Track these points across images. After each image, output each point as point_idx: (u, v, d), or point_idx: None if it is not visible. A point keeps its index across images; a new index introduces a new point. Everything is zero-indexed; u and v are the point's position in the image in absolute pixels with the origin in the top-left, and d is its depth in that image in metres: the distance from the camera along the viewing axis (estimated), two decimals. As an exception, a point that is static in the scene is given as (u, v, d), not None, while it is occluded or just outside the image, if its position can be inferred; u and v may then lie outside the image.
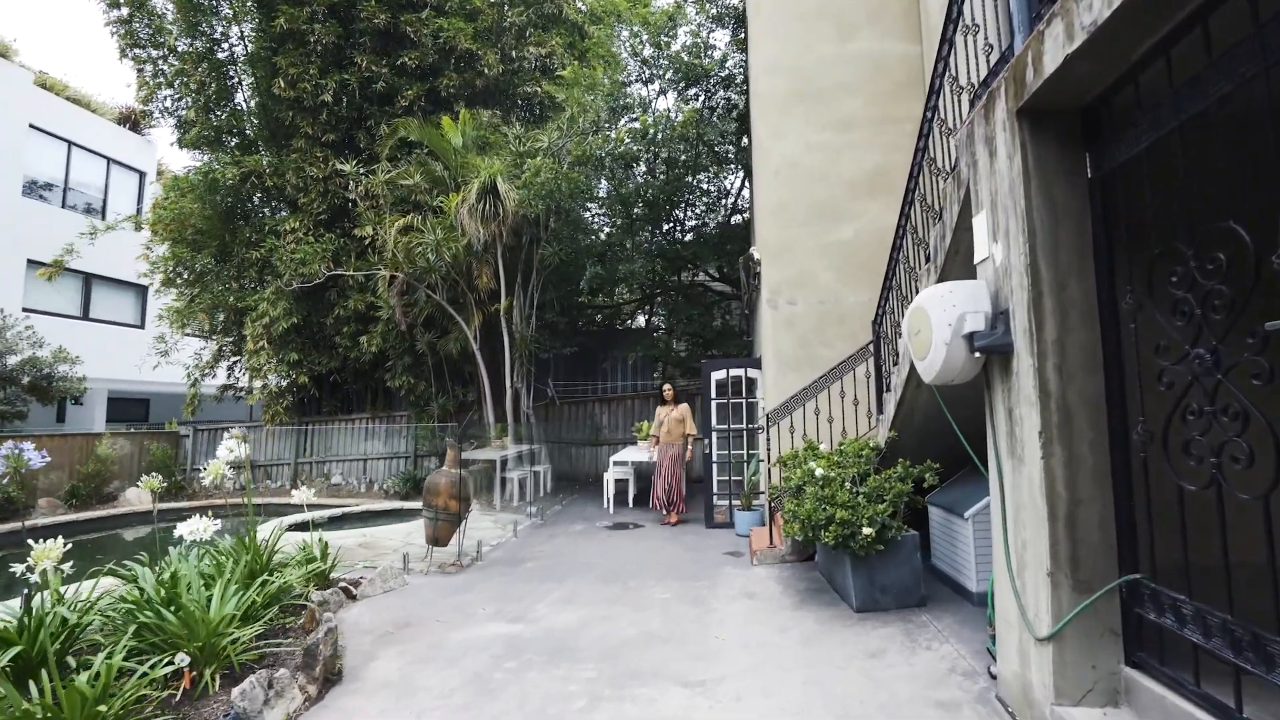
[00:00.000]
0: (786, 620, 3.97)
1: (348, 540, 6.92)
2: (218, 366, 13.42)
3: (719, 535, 6.90)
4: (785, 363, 6.60)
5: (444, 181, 10.34)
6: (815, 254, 6.71)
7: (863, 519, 3.78)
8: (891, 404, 4.48)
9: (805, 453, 4.88)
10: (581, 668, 3.34)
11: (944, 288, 2.78)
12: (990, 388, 2.81)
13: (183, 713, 2.74)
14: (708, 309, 11.85)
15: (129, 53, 12.34)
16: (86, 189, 17.25)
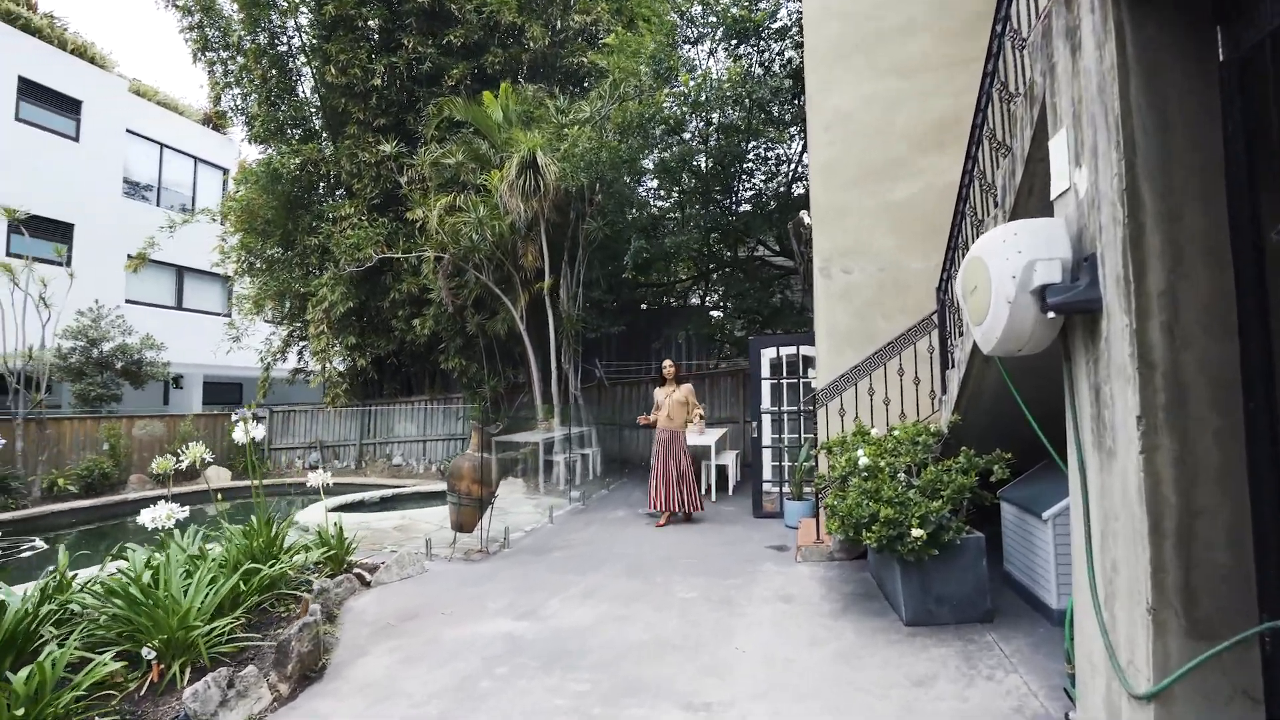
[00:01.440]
0: (822, 631, 3.45)
1: (385, 522, 6.90)
2: (288, 351, 13.99)
3: (765, 526, 6.37)
4: (840, 338, 5.93)
5: (488, 159, 10.15)
6: (872, 217, 5.96)
7: (913, 518, 3.19)
8: (955, 382, 3.81)
9: (854, 438, 4.28)
10: (577, 677, 2.97)
11: (1006, 230, 2.15)
12: (1070, 358, 2.17)
13: (143, 709, 2.59)
14: (764, 284, 11.14)
15: (201, 56, 12.86)
16: (177, 187, 18.39)
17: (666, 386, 6.70)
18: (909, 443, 3.83)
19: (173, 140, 18.06)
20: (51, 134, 14.87)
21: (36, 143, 14.44)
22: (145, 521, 2.81)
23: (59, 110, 15.13)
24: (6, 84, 14.03)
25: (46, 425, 9.88)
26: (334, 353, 13.00)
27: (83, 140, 15.53)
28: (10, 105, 14.09)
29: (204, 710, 2.49)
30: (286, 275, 12.77)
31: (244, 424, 4.30)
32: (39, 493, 9.35)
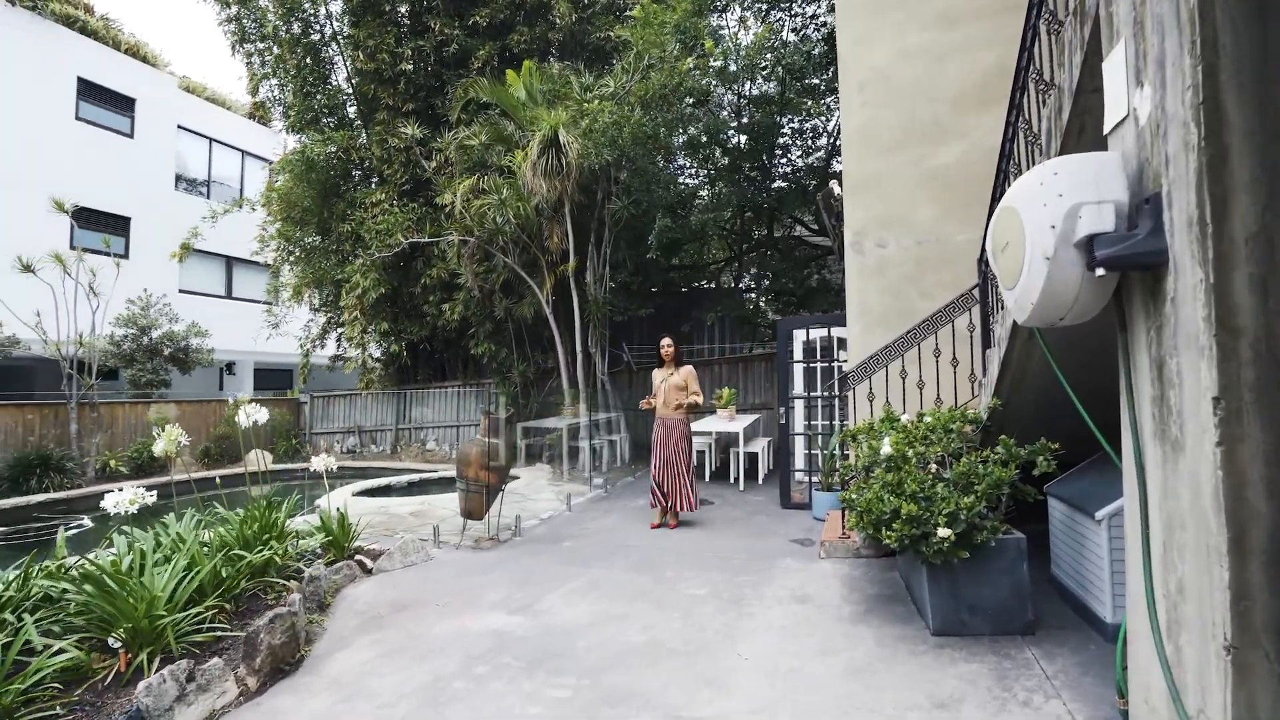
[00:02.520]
0: (837, 637, 3.10)
1: (404, 508, 6.85)
2: (326, 337, 14.26)
3: (792, 518, 6.00)
4: (873, 318, 5.49)
5: (513, 140, 9.96)
6: (911, 185, 5.46)
7: (939, 515, 2.80)
8: (995, 362, 3.37)
9: (882, 425, 3.88)
10: (559, 682, 2.73)
11: (1044, 170, 1.76)
12: (1125, 327, 1.77)
13: (104, 700, 2.48)
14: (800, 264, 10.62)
15: (239, 48, 13.07)
16: (226, 180, 18.96)
17: (664, 369, 5.87)
18: (941, 430, 3.41)
19: (221, 134, 18.61)
20: (109, 131, 15.48)
21: (95, 141, 15.07)
22: (108, 506, 2.71)
23: (115, 109, 15.73)
24: (67, 85, 14.65)
25: (99, 409, 10.30)
26: (368, 339, 13.17)
27: (137, 137, 16.13)
28: (71, 105, 14.72)
29: (157, 705, 2.36)
30: (322, 262, 12.96)
31: (243, 408, 4.22)
32: (93, 473, 9.77)
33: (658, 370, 5.91)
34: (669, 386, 5.69)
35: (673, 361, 5.83)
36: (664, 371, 5.84)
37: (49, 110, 14.10)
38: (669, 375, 5.76)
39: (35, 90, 13.85)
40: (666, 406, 5.71)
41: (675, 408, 5.69)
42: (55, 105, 14.30)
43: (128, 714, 2.30)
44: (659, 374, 5.85)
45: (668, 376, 5.76)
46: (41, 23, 14.29)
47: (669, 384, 5.70)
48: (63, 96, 14.53)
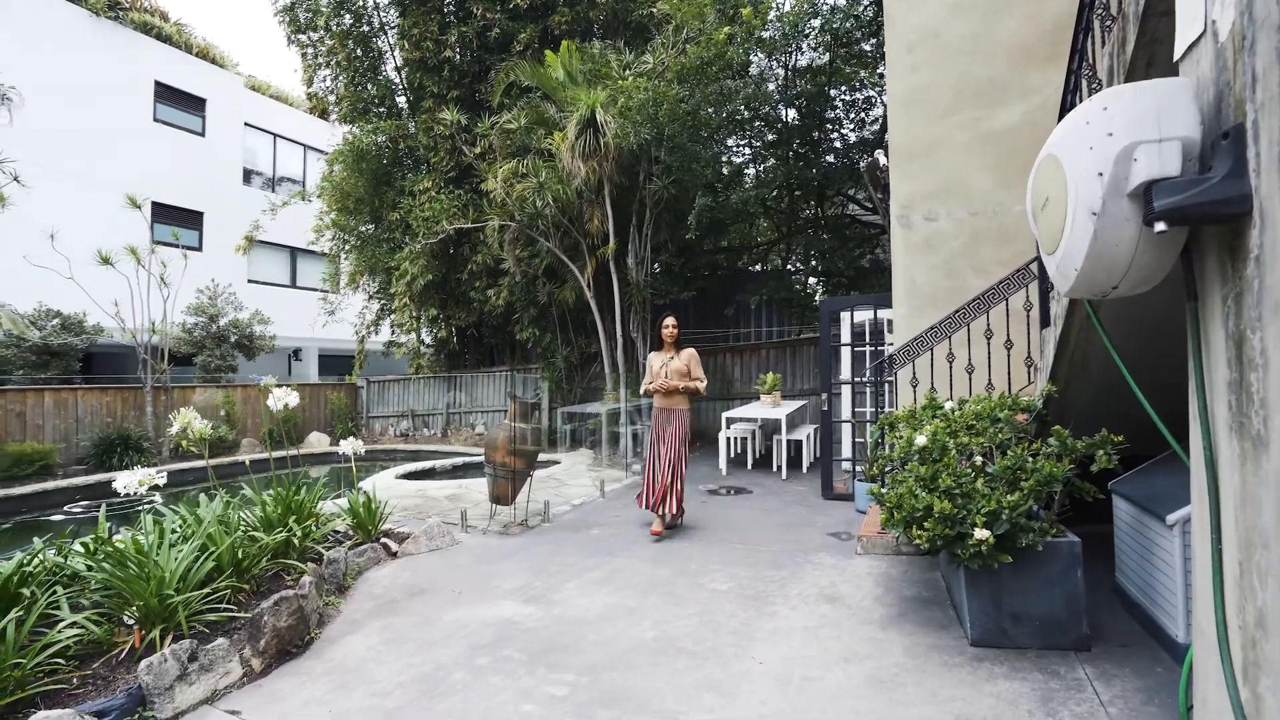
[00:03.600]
0: (864, 643, 2.85)
1: (441, 491, 6.92)
2: (380, 324, 14.68)
3: (833, 510, 5.70)
4: (921, 298, 5.09)
5: (553, 122, 9.85)
6: (965, 151, 5.01)
7: (976, 514, 2.49)
8: (1051, 343, 3.00)
9: (923, 412, 3.55)
10: (558, 679, 2.61)
11: (1091, 106, 1.45)
12: (1196, 295, 1.45)
13: (117, 675, 2.53)
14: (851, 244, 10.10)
15: (294, 39, 13.47)
16: (290, 174, 19.77)
17: (664, 351, 5.19)
18: (988, 419, 3.07)
19: (284, 130, 19.38)
20: (182, 131, 16.36)
21: (171, 140, 15.97)
22: (119, 486, 2.77)
23: (187, 109, 16.61)
24: (145, 89, 15.55)
25: (172, 392, 10.96)
26: (417, 324, 13.46)
27: (208, 135, 17.00)
28: (149, 108, 15.62)
29: (157, 684, 2.38)
30: (374, 250, 13.31)
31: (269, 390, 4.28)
32: (167, 453, 10.41)
33: (656, 354, 5.25)
34: (671, 372, 5.05)
35: (674, 344, 5.18)
36: (664, 355, 5.18)
37: (130, 113, 15.02)
38: (669, 359, 5.11)
39: (118, 95, 14.76)
40: (666, 395, 5.07)
41: (678, 395, 5.05)
42: (135, 108, 15.21)
43: (128, 691, 2.32)
44: (657, 358, 5.19)
45: (668, 361, 5.10)
46: (123, 32, 15.18)
47: (671, 369, 5.05)
48: (141, 100, 15.43)
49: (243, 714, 2.40)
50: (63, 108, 13.43)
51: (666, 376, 5.02)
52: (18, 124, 9.51)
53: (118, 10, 15.13)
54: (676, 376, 4.99)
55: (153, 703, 2.36)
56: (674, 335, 5.19)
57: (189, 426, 3.17)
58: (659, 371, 5.09)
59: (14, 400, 9.31)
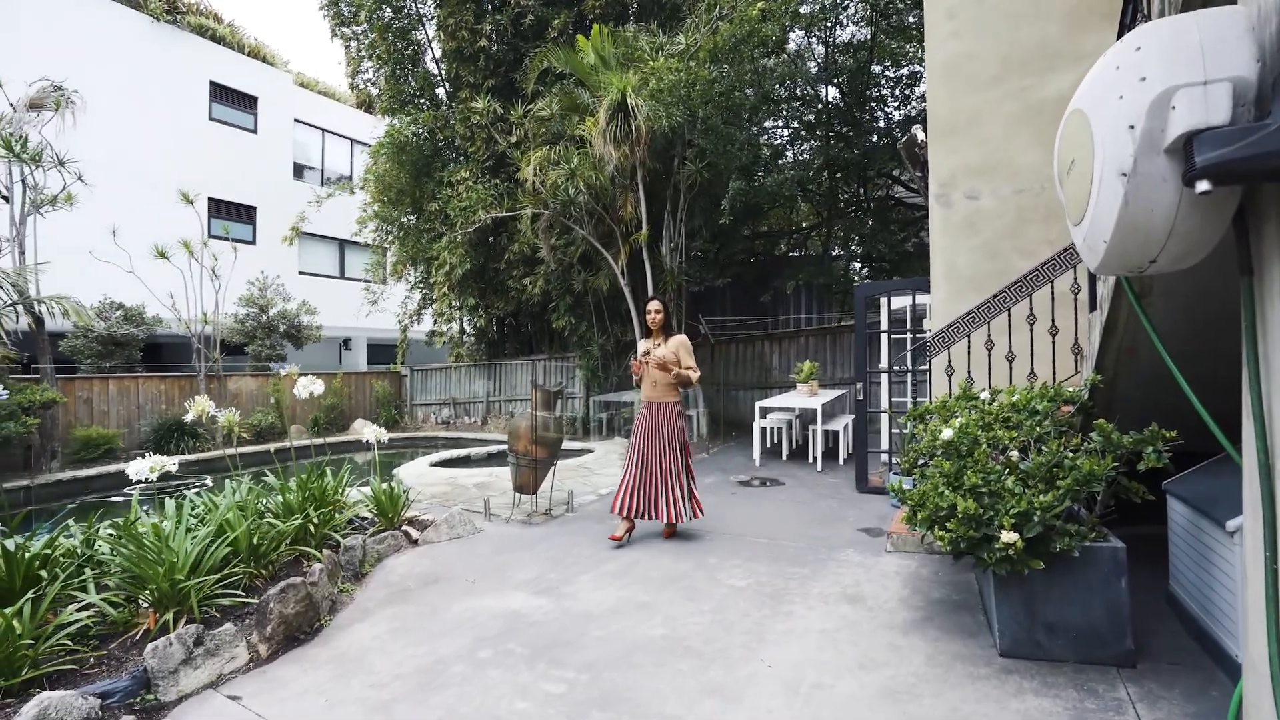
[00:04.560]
0: (883, 649, 2.68)
1: (471, 479, 6.98)
2: (423, 313, 14.98)
3: (867, 504, 5.46)
4: (962, 281, 4.78)
5: (586, 108, 9.74)
6: (1011, 124, 4.65)
7: (1004, 515, 2.28)
8: (1096, 328, 2.72)
9: (956, 403, 3.32)
10: (557, 675, 2.54)
11: (1122, 48, 1.24)
12: (1254, 268, 1.23)
13: (130, 656, 2.59)
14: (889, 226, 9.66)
15: (337, 32, 13.75)
16: (337, 167, 20.33)
17: (651, 338, 4.62)
18: (1025, 410, 2.82)
19: (332, 125, 19.92)
20: (235, 129, 17.00)
21: (225, 138, 16.62)
22: (131, 473, 2.84)
23: (240, 107, 17.23)
24: (201, 90, 16.21)
25: (225, 380, 11.45)
26: (457, 313, 13.65)
27: (260, 132, 17.61)
28: (204, 108, 16.29)
29: (161, 667, 2.42)
30: (415, 241, 13.54)
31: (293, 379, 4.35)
32: (220, 439, 10.89)
33: (642, 341, 4.71)
34: (657, 360, 4.46)
35: (661, 330, 4.58)
36: (650, 342, 4.60)
37: (187, 113, 15.69)
38: (655, 347, 4.53)
39: (176, 96, 15.43)
40: (653, 386, 4.48)
41: (668, 388, 4.45)
42: (192, 108, 15.88)
43: (132, 674, 2.37)
44: (645, 344, 4.65)
45: (654, 348, 4.53)
46: (180, 35, 15.83)
47: (656, 358, 4.46)
48: (198, 100, 16.09)
49: (243, 699, 2.42)
50: (124, 109, 14.11)
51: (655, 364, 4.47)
52: (81, 126, 10.00)
53: (175, 14, 15.78)
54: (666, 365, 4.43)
55: (157, 685, 2.40)
56: (659, 321, 4.57)
57: (203, 413, 3.23)
58: (645, 358, 4.56)
59: (82, 387, 9.90)
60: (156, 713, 2.33)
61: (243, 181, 16.76)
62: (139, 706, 2.33)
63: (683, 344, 4.47)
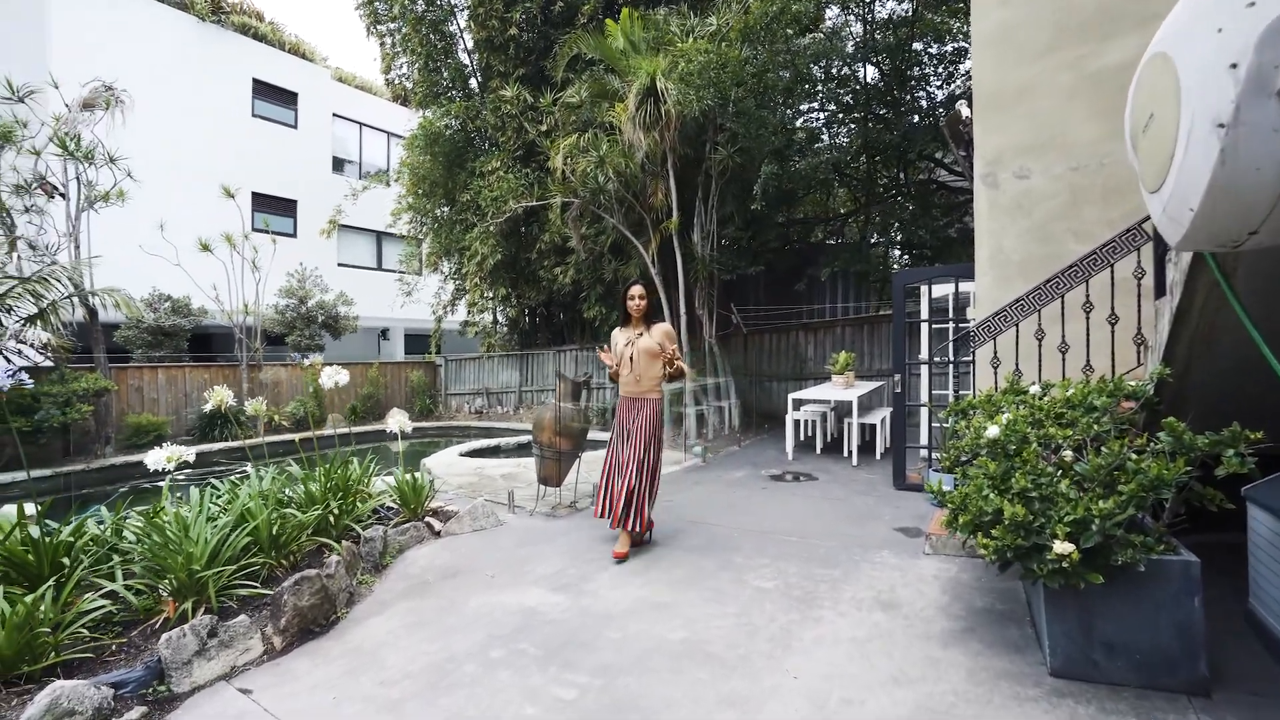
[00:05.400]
0: (919, 663, 2.49)
1: (499, 470, 6.96)
2: (457, 304, 15.10)
3: (904, 501, 5.21)
4: (1009, 267, 4.48)
5: (616, 94, 9.57)
6: (1066, 96, 4.31)
7: (1057, 523, 2.06)
8: (1165, 316, 2.45)
9: (1002, 397, 3.07)
10: (570, 679, 2.44)
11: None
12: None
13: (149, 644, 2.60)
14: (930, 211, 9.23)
15: (373, 30, 13.87)
16: (375, 161, 20.64)
17: (631, 327, 4.14)
18: (1081, 406, 2.57)
19: (369, 119, 20.22)
20: (277, 124, 17.39)
21: (267, 134, 17.03)
22: (149, 463, 2.84)
23: (281, 103, 17.62)
24: (244, 87, 16.62)
25: (265, 370, 11.75)
26: (489, 304, 13.71)
27: (300, 127, 17.99)
28: (248, 105, 16.70)
29: (175, 658, 2.41)
30: (449, 232, 13.63)
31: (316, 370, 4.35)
32: (261, 427, 11.19)
33: (620, 330, 4.22)
34: (640, 352, 4.00)
35: (643, 318, 4.11)
36: (630, 331, 4.12)
37: (231, 110, 16.10)
38: (638, 336, 4.06)
39: (220, 94, 15.85)
40: (637, 380, 4.04)
41: (652, 382, 4.03)
42: (236, 105, 16.29)
43: (146, 664, 2.36)
44: (622, 335, 4.18)
45: (636, 338, 4.06)
46: (224, 34, 16.24)
47: (639, 349, 4.01)
48: (241, 97, 16.51)
49: (253, 693, 2.39)
50: (171, 107, 14.55)
51: (634, 359, 4.03)
52: (130, 124, 10.32)
53: (220, 14, 16.18)
54: (647, 358, 3.99)
55: (170, 676, 2.39)
56: (642, 307, 4.09)
57: (222, 403, 3.22)
58: (624, 352, 4.09)
59: (134, 376, 10.27)
60: (168, 704, 2.31)
61: (284, 176, 17.16)
62: (151, 697, 2.32)
63: (667, 333, 4.07)
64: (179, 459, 2.86)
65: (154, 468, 2.80)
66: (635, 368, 4.03)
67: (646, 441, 4.05)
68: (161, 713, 2.26)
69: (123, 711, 2.19)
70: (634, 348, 4.03)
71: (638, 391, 4.08)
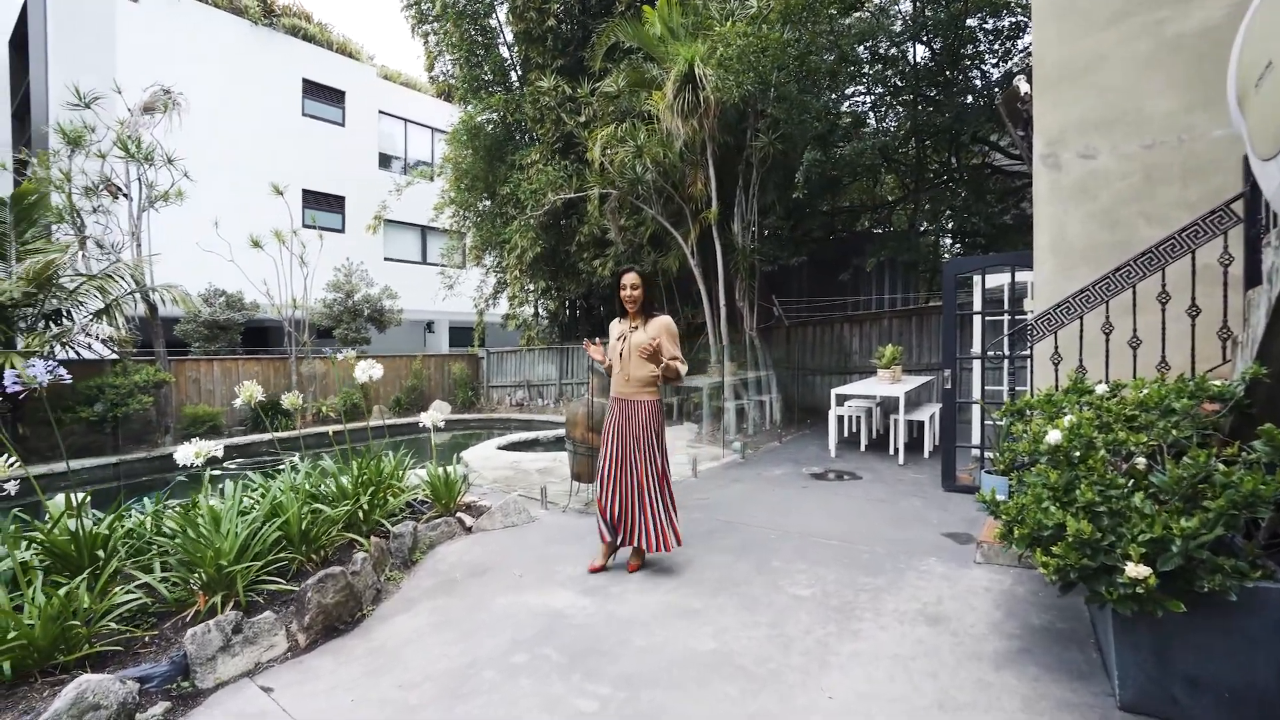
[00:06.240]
0: (969, 687, 2.29)
1: (534, 464, 6.94)
2: (498, 297, 15.24)
3: (953, 504, 4.93)
4: (1072, 255, 4.14)
5: (654, 82, 9.40)
6: (1140, 66, 3.93)
7: (1131, 542, 1.83)
8: (1263, 308, 2.17)
9: (1065, 397, 2.81)
10: (591, 691, 2.34)
11: None
12: None
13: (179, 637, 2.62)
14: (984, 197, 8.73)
15: (417, 30, 14.04)
16: (420, 155, 20.99)
17: (627, 320, 3.64)
18: (1157, 409, 2.31)
19: (414, 115, 20.56)
20: (326, 123, 17.86)
21: (316, 132, 17.50)
22: (179, 458, 2.88)
23: (330, 102, 18.07)
24: (294, 87, 17.11)
25: (309, 363, 12.10)
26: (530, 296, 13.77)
27: (347, 125, 18.42)
28: (298, 104, 17.19)
29: (200, 654, 2.42)
30: (489, 225, 13.74)
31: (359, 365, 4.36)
32: (310, 417, 11.55)
33: (617, 322, 3.73)
34: (632, 348, 3.49)
35: (639, 310, 3.58)
36: (625, 325, 3.64)
37: (282, 110, 16.61)
38: (633, 330, 3.56)
39: (272, 94, 16.37)
40: (628, 380, 3.55)
41: (643, 383, 3.52)
42: (287, 105, 16.79)
43: (172, 660, 2.38)
44: (617, 328, 3.70)
45: (630, 332, 3.56)
46: (275, 36, 16.74)
47: (633, 344, 3.49)
48: (292, 97, 17.00)
49: (274, 691, 2.38)
50: (226, 108, 15.09)
51: (624, 356, 3.54)
52: (186, 126, 10.72)
53: (272, 17, 16.68)
54: (639, 355, 3.45)
55: (195, 672, 2.40)
56: (637, 298, 3.55)
57: (251, 397, 3.24)
58: (617, 347, 3.62)
59: (191, 369, 10.73)
60: (192, 700, 2.32)
61: (333, 173, 17.62)
62: (175, 693, 2.33)
63: (666, 328, 3.57)
64: (207, 454, 2.88)
65: (183, 463, 2.83)
66: (626, 366, 3.55)
67: (650, 452, 3.56)
68: (185, 709, 2.27)
69: (147, 706, 2.21)
70: (626, 343, 3.55)
71: (628, 393, 3.56)
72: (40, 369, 2.56)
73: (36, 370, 2.56)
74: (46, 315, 8.35)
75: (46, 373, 2.57)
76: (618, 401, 3.62)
